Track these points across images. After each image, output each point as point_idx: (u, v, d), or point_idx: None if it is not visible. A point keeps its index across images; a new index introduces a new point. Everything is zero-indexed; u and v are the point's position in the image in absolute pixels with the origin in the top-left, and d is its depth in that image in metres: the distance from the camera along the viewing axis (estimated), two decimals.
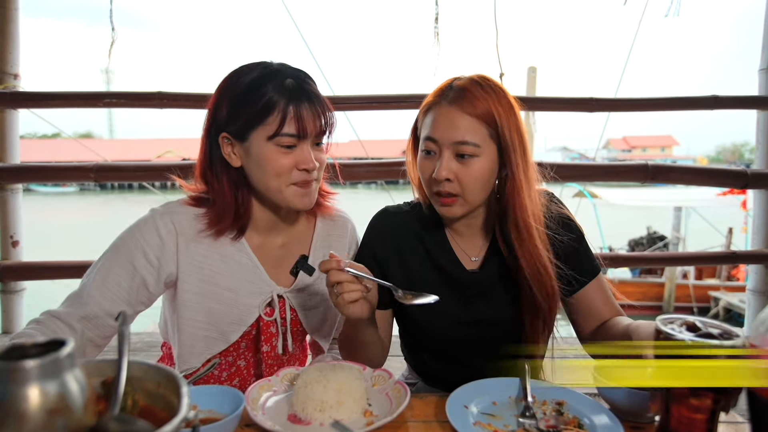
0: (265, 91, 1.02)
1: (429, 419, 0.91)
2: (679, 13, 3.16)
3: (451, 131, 1.04)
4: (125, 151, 43.85)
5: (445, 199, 1.08)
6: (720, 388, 0.68)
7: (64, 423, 0.46)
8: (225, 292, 1.13)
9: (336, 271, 0.95)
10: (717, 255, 4.20)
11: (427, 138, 1.08)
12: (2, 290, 2.88)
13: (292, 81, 1.04)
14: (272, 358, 1.18)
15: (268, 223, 1.17)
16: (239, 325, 1.14)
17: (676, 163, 13.72)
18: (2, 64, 2.76)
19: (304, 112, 1.02)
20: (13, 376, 0.45)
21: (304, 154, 1.05)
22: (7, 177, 2.77)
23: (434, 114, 1.08)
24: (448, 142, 1.05)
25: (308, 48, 3.14)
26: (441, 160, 1.05)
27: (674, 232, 11.41)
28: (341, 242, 1.28)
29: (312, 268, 1.21)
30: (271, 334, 1.17)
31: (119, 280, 1.05)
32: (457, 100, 1.05)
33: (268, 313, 1.16)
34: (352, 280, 0.96)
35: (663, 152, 78.68)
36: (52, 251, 3.82)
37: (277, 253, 1.20)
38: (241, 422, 0.87)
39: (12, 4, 2.75)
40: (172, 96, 2.62)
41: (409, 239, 1.20)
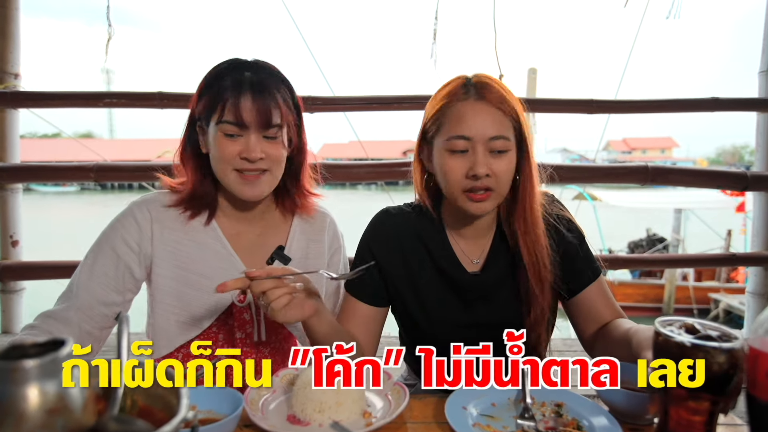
0: (222, 82, 1.08)
1: (428, 420, 0.91)
2: (680, 15, 3.16)
3: (485, 127, 1.04)
4: (125, 151, 43.87)
5: (479, 195, 1.06)
6: (718, 390, 0.68)
7: (63, 423, 0.47)
8: (198, 278, 1.16)
9: (255, 282, 0.92)
10: (717, 257, 4.21)
11: (458, 137, 1.05)
12: (2, 290, 2.88)
13: (249, 74, 1.08)
14: (247, 345, 1.19)
15: (238, 211, 1.21)
16: (212, 311, 1.16)
17: (675, 164, 13.71)
18: (3, 64, 2.76)
19: (245, 103, 1.05)
20: (12, 376, 0.45)
21: (248, 144, 1.07)
22: (6, 177, 2.77)
23: (460, 112, 1.06)
24: (483, 139, 1.04)
25: (308, 48, 3.15)
26: (476, 156, 1.04)
27: (674, 234, 11.42)
28: (319, 236, 1.29)
29: (288, 257, 1.21)
30: (245, 321, 1.18)
31: (105, 269, 1.11)
32: (485, 95, 1.06)
33: (241, 300, 1.18)
34: (275, 284, 0.93)
35: (663, 154, 78.74)
36: (52, 251, 3.82)
37: (253, 242, 1.23)
38: (240, 423, 0.87)
39: (12, 4, 2.76)
40: (172, 96, 2.62)
41: (410, 240, 1.20)
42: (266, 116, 1.07)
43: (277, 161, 1.12)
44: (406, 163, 2.80)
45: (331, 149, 61.44)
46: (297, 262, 1.23)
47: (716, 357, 0.67)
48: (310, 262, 1.26)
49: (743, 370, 0.69)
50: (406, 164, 2.78)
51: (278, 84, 1.11)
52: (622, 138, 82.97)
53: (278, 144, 1.11)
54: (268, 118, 1.07)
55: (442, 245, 1.19)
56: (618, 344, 1.03)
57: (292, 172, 1.21)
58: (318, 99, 2.73)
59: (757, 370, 0.69)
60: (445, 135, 1.07)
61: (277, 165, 1.13)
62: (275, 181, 1.15)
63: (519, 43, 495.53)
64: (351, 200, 12.41)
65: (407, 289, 1.18)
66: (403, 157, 3.36)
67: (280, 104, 1.09)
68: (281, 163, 1.14)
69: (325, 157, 61.47)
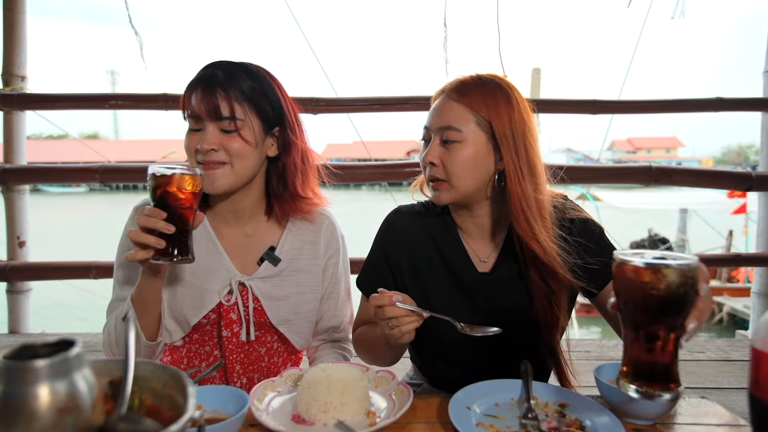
0: (191, 81, 1.13)
1: (432, 420, 0.92)
2: (685, 14, 3.16)
3: (438, 118, 1.11)
4: (130, 151, 44.11)
5: (435, 184, 1.13)
6: (675, 310, 0.69)
7: (73, 422, 0.47)
8: (188, 276, 1.18)
9: (389, 307, 0.97)
10: (721, 257, 4.19)
11: (424, 127, 1.16)
12: (9, 290, 2.90)
13: (210, 71, 1.12)
14: (234, 344, 1.20)
15: (229, 212, 1.22)
16: (199, 309, 1.17)
17: (681, 164, 13.64)
18: (10, 67, 2.79)
19: (196, 96, 1.10)
20: (23, 376, 0.45)
21: (204, 136, 1.10)
22: (13, 178, 2.79)
23: (432, 106, 1.16)
24: (435, 128, 1.12)
25: (311, 50, 3.16)
26: (430, 145, 1.12)
27: (680, 234, 11.38)
28: (314, 238, 1.28)
29: (278, 258, 1.22)
30: (232, 320, 1.19)
31: (129, 279, 1.19)
32: (451, 91, 1.12)
33: (229, 299, 1.19)
34: (407, 313, 0.98)
35: (668, 153, 78.33)
36: (59, 251, 3.84)
37: (244, 243, 1.23)
38: (246, 422, 0.88)
39: (19, 8, 2.78)
40: (177, 98, 2.64)
41: (421, 239, 1.21)
42: (213, 107, 1.08)
43: (237, 155, 1.11)
44: (410, 164, 2.80)
45: (335, 150, 61.53)
46: (288, 263, 1.23)
47: (669, 276, 0.68)
48: (302, 264, 1.25)
49: (699, 294, 0.70)
50: (409, 165, 2.79)
51: (240, 80, 1.11)
52: (626, 138, 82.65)
53: (235, 137, 1.10)
54: (216, 109, 1.08)
55: (453, 244, 1.20)
56: None
57: (278, 172, 1.20)
58: (321, 100, 2.74)
59: (760, 371, 0.69)
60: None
61: (238, 159, 1.11)
62: (237, 176, 1.13)
63: (523, 43, 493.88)
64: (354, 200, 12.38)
65: (415, 288, 1.19)
66: (407, 158, 3.35)
67: (232, 98, 1.09)
68: (243, 158, 1.12)
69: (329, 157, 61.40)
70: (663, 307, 0.69)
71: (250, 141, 1.11)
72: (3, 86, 2.79)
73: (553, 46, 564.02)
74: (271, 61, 4.60)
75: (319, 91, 2.85)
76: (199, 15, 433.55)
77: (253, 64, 1.18)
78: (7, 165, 2.80)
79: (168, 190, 0.95)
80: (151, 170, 0.96)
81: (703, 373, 2.26)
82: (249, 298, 1.19)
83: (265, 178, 1.22)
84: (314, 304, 1.27)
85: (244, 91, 1.11)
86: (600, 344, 2.60)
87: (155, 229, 0.94)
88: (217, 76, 1.10)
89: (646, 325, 0.71)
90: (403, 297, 0.99)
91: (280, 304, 1.22)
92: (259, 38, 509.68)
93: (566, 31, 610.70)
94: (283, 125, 1.18)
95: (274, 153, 1.19)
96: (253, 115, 1.12)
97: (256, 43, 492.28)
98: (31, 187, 2.98)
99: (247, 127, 1.11)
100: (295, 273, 1.24)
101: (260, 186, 1.22)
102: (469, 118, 1.08)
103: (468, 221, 1.19)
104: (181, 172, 0.96)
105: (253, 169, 1.15)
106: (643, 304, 0.70)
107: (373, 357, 1.20)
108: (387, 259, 1.22)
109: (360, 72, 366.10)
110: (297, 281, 1.24)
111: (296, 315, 1.24)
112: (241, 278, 1.19)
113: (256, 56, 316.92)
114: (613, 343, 2.59)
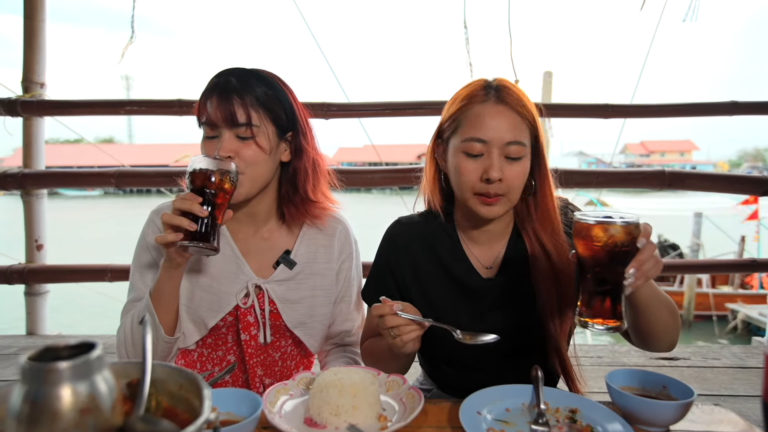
0: (205, 89, 1.15)
1: (442, 425, 0.92)
2: (697, 17, 3.13)
3: (502, 132, 1.05)
4: (144, 155, 44.68)
5: (490, 199, 1.07)
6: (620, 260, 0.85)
7: (94, 422, 0.49)
8: (206, 279, 1.20)
9: (390, 316, 0.98)
10: (735, 263, 4.14)
11: (474, 140, 1.06)
12: (27, 292, 2.96)
13: (225, 78, 1.13)
14: (253, 347, 1.21)
15: (246, 216, 1.23)
16: (217, 311, 1.19)
17: (695, 168, 13.48)
18: (30, 74, 2.85)
19: (212, 103, 1.11)
20: (47, 377, 0.47)
21: (221, 144, 1.11)
22: (32, 183, 2.85)
23: (478, 114, 1.06)
24: (500, 143, 1.05)
25: (323, 54, 3.18)
26: (491, 160, 1.05)
27: (694, 238, 11.23)
28: (329, 242, 1.30)
29: (293, 262, 1.24)
30: (249, 323, 1.20)
31: (146, 281, 1.22)
32: (505, 98, 1.06)
33: (246, 302, 1.20)
34: (407, 323, 0.98)
35: (682, 157, 77.31)
36: (74, 254, 3.91)
37: (260, 246, 1.25)
38: (259, 425, 0.89)
39: (39, 16, 2.84)
40: (191, 103, 2.67)
41: (422, 250, 1.21)
42: (230, 114, 1.09)
43: (252, 162, 1.12)
44: (421, 168, 2.81)
45: (346, 153, 61.72)
46: (303, 266, 1.25)
47: (611, 230, 0.84)
48: (317, 267, 1.27)
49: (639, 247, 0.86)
50: (420, 169, 2.79)
51: (254, 86, 1.13)
52: (639, 141, 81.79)
53: (250, 144, 1.11)
54: (233, 116, 1.09)
55: (454, 252, 1.20)
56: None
57: (288, 176, 1.22)
58: (333, 105, 2.76)
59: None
60: (462, 136, 1.08)
61: (252, 166, 1.12)
62: (252, 183, 1.14)
63: (535, 46, 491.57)
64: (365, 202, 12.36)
65: (420, 297, 1.19)
66: (417, 161, 3.35)
67: (248, 104, 1.10)
68: (257, 165, 1.13)
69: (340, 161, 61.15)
70: (608, 255, 0.85)
71: (264, 148, 1.13)
72: (23, 93, 2.85)
73: (565, 49, 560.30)
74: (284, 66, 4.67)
75: (331, 96, 2.87)
76: (212, 21, 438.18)
77: (265, 70, 1.19)
78: (26, 170, 2.86)
79: (210, 180, 1.01)
80: (193, 164, 1.01)
81: (717, 380, 2.23)
82: (265, 301, 1.21)
83: (278, 182, 1.24)
84: (328, 308, 1.28)
85: (258, 98, 1.12)
86: (612, 350, 2.58)
87: (190, 211, 0.98)
88: (232, 83, 1.11)
89: (595, 271, 0.87)
90: (405, 306, 1.00)
91: (296, 307, 1.23)
92: (272, 44, 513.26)
93: (578, 34, 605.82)
94: (295, 130, 1.20)
95: (288, 158, 1.21)
96: (268, 121, 1.14)
97: (269, 48, 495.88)
98: (48, 190, 3.04)
99: (263, 133, 1.13)
100: (310, 276, 1.26)
101: (274, 190, 1.24)
102: (526, 131, 1.07)
103: (475, 227, 1.19)
104: (224, 167, 1.02)
105: (268, 175, 1.17)
106: (593, 253, 0.86)
107: (381, 369, 1.20)
108: (390, 270, 1.23)
109: (371, 76, 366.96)
110: (312, 284, 1.26)
111: (311, 318, 1.25)
112: (257, 281, 1.21)
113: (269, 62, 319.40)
114: (625, 349, 2.56)
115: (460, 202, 1.18)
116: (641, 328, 1.03)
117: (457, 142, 1.09)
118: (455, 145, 1.10)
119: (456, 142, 1.09)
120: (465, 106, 1.09)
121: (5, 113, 2.78)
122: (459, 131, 1.09)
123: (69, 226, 18.38)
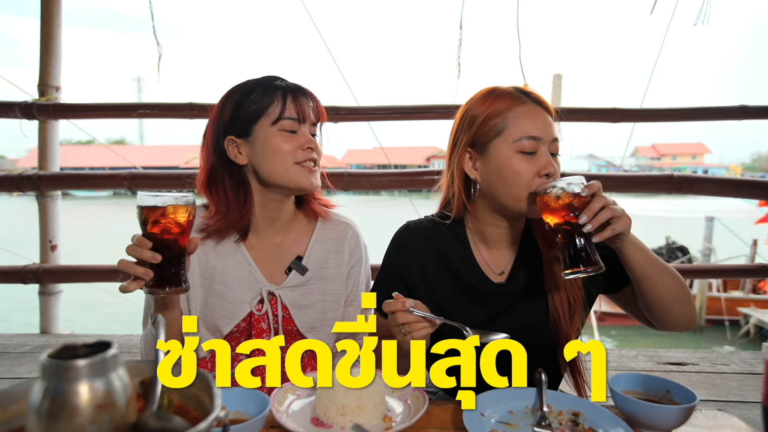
0: (264, 89, 1.17)
1: (446, 426, 0.94)
2: (709, 21, 3.11)
3: (549, 129, 1.11)
4: (155, 157, 45.11)
5: None
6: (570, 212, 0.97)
7: (110, 417, 0.51)
8: (220, 287, 1.21)
9: (402, 312, 0.99)
10: (747, 268, 4.09)
11: (528, 137, 1.08)
12: (41, 292, 3.01)
13: (287, 81, 1.21)
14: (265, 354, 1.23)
15: (267, 221, 1.25)
16: (231, 318, 1.21)
17: (707, 171, 13.33)
18: (46, 78, 2.91)
19: (300, 98, 1.18)
20: (66, 374, 0.49)
21: (306, 136, 1.18)
22: (47, 184, 2.91)
23: (528, 114, 1.10)
24: (549, 140, 1.10)
25: (332, 57, 3.21)
26: (546, 156, 1.09)
27: (705, 242, 11.10)
28: (339, 247, 1.32)
29: (305, 268, 1.26)
30: (262, 329, 1.22)
31: None
32: (540, 101, 1.14)
33: (259, 309, 1.22)
34: (419, 320, 0.99)
35: (694, 160, 76.35)
36: (86, 254, 3.97)
37: (273, 252, 1.27)
38: (267, 424, 0.91)
39: (55, 21, 2.90)
40: (202, 107, 2.71)
41: (430, 255, 1.22)
42: (314, 110, 1.20)
43: (321, 157, 1.22)
44: (429, 172, 2.82)
45: (355, 155, 61.82)
46: (315, 272, 1.27)
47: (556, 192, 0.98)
48: (328, 272, 1.29)
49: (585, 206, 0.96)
50: (428, 173, 2.80)
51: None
52: (650, 144, 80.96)
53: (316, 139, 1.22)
54: (314, 112, 1.20)
55: (465, 258, 1.20)
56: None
57: None
58: (342, 109, 2.79)
59: None
60: (512, 137, 1.09)
61: (321, 159, 1.22)
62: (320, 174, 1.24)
63: (544, 49, 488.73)
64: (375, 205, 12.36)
65: (430, 302, 1.20)
66: (426, 164, 3.36)
67: (318, 103, 1.23)
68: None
69: (349, 162, 60.77)
70: (561, 212, 0.98)
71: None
72: (39, 96, 2.92)
73: (574, 53, 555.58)
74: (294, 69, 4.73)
75: (340, 99, 2.89)
76: (222, 23, 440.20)
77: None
78: (41, 171, 2.92)
79: (158, 220, 0.92)
80: (139, 201, 0.92)
81: (726, 385, 2.22)
82: (278, 307, 1.23)
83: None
84: (339, 312, 1.30)
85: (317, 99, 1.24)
86: (619, 354, 2.57)
87: (141, 258, 0.92)
88: (297, 85, 1.21)
89: (561, 227, 0.99)
90: (416, 303, 1.01)
91: (308, 312, 1.25)
92: (282, 47, 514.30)
93: (587, 37, 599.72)
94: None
95: None
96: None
97: (279, 52, 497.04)
98: (61, 192, 3.10)
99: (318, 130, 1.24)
100: (321, 281, 1.28)
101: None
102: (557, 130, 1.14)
103: (497, 232, 1.19)
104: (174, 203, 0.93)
105: None
106: (552, 214, 1.00)
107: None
108: (399, 274, 1.23)
109: (380, 78, 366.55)
110: (323, 289, 1.28)
111: (322, 322, 1.27)
112: (270, 287, 1.23)
113: (279, 65, 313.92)
114: (633, 354, 2.56)
115: (490, 206, 1.16)
116: (648, 297, 1.05)
117: (507, 143, 1.09)
118: (505, 147, 1.10)
119: (504, 144, 1.10)
120: (507, 109, 1.11)
121: (22, 116, 2.84)
122: (505, 133, 1.10)
123: (79, 226, 18.60)
